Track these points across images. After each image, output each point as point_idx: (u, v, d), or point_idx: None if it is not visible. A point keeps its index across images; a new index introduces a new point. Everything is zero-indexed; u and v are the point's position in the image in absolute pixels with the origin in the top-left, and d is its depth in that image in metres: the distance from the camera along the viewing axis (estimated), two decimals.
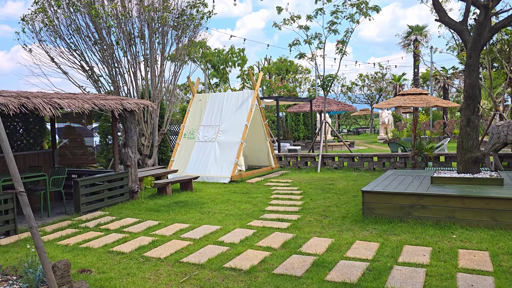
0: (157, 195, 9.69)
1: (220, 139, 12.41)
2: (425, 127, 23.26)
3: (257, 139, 13.86)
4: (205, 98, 13.51)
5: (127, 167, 9.09)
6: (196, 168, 12.26)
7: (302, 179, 11.83)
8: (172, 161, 12.84)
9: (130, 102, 8.63)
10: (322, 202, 8.47)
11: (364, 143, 27.11)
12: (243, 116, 12.41)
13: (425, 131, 23.59)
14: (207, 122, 13.01)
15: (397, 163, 12.85)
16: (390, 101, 14.60)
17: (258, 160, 14.47)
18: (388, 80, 38.20)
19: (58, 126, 10.97)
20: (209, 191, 10.29)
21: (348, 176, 12.13)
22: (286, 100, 17.78)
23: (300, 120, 28.37)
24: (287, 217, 7.23)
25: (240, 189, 10.39)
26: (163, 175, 11.16)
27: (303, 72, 39.58)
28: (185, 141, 13.07)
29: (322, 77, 14.45)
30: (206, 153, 12.40)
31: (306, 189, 10.13)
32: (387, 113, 27.18)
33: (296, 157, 14.31)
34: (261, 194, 9.68)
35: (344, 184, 10.62)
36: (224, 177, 11.61)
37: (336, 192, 9.57)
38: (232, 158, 11.85)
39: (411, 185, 7.10)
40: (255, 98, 12.60)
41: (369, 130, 38.74)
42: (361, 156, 13.26)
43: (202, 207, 8.33)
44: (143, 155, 13.03)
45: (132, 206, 8.58)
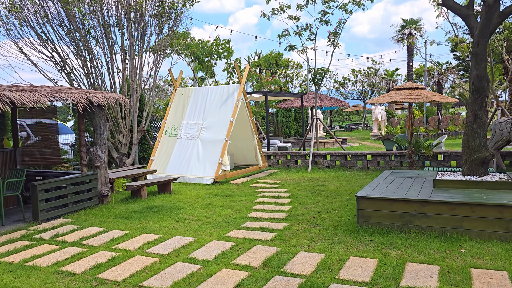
0: (131, 198, 8.80)
1: (203, 136, 11.53)
2: (420, 123, 22.53)
3: (244, 137, 12.99)
4: (188, 92, 12.60)
5: (96, 168, 8.18)
6: (177, 168, 11.37)
7: (292, 180, 11.00)
8: (151, 160, 11.93)
9: (98, 95, 7.72)
10: (312, 207, 7.64)
11: (357, 139, 26.36)
12: (228, 112, 11.53)
13: (420, 127, 22.87)
14: (189, 118, 12.11)
15: (393, 161, 12.07)
16: (385, 96, 13.78)
17: (245, 159, 13.62)
18: (381, 76, 37.48)
19: (30, 122, 10.04)
20: (189, 193, 9.42)
21: (340, 176, 11.32)
22: (276, 95, 16.93)
23: (291, 116, 27.55)
24: (272, 225, 6.39)
25: (223, 191, 9.53)
26: (140, 176, 10.27)
27: (295, 67, 38.75)
28: (166, 139, 12.17)
29: (313, 71, 13.61)
30: (188, 152, 11.52)
31: (295, 191, 9.30)
32: (380, 109, 26.44)
33: (285, 156, 13.48)
34: (245, 197, 8.83)
35: (336, 185, 9.81)
36: (207, 177, 10.74)
37: (328, 194, 8.75)
38: (216, 157, 10.98)
39: (412, 189, 6.29)
40: (241, 92, 11.72)
41: (362, 126, 38.03)
42: (354, 154, 12.46)
43: (178, 213, 7.46)
44: (120, 153, 12.11)
45: (100, 212, 7.68)
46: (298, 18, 13.76)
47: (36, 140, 9.51)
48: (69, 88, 7.96)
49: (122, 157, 12.10)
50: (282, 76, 36.23)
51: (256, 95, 16.06)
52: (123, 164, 12.08)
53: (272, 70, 28.80)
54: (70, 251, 5.45)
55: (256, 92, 16.23)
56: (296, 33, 13.87)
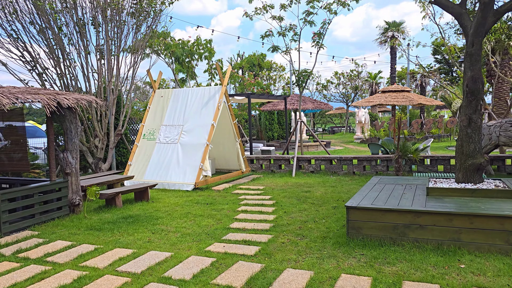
0: (105, 207, 8.24)
1: (183, 140, 11.02)
2: (403, 126, 22.38)
3: (226, 140, 12.52)
4: (168, 94, 12.07)
5: (67, 175, 7.60)
6: (156, 174, 10.82)
7: (275, 185, 10.57)
8: (129, 166, 11.35)
9: (68, 97, 7.15)
10: (297, 216, 7.22)
11: (341, 143, 26.15)
12: (209, 115, 11.04)
13: (403, 130, 22.73)
14: (169, 121, 11.58)
15: (379, 166, 11.76)
16: (370, 99, 13.52)
17: (227, 164, 13.14)
18: (364, 78, 37.43)
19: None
20: (168, 201, 8.90)
21: (325, 181, 10.95)
22: (258, 98, 16.51)
23: (275, 118, 27.17)
24: (256, 237, 5.93)
25: (204, 199, 9.04)
26: (116, 182, 9.69)
27: (278, 69, 38.47)
28: (145, 143, 11.61)
29: (297, 73, 13.23)
30: (167, 156, 10.98)
31: (279, 198, 8.87)
32: (364, 112, 26.28)
33: (269, 160, 13.05)
34: (227, 205, 8.36)
35: (322, 192, 9.42)
36: (187, 183, 10.23)
37: (314, 202, 8.34)
38: (196, 162, 10.48)
39: (404, 197, 5.92)
40: (223, 94, 11.25)
41: (345, 129, 37.93)
42: (339, 158, 12.11)
43: (155, 224, 6.94)
44: (96, 158, 11.50)
45: (71, 223, 7.10)
46: (282, 18, 13.36)
47: (5, 144, 8.87)
48: (36, 89, 7.37)
49: (98, 162, 11.49)
50: (265, 78, 35.89)
51: (239, 97, 15.61)
52: (99, 170, 11.47)
53: (255, 72, 28.36)
54: (32, 269, 4.89)
55: (239, 94, 15.78)
56: (279, 33, 13.47)
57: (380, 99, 12.89)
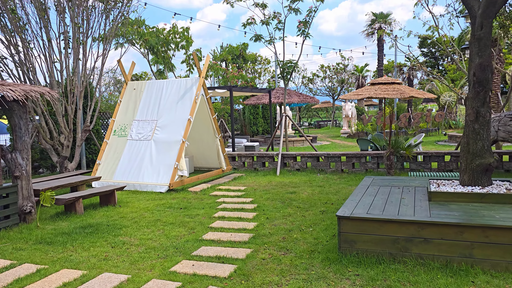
0: (63, 214, 7.27)
1: (157, 137, 10.06)
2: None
3: (205, 136, 11.60)
4: (141, 86, 11.07)
5: (16, 179, 6.61)
6: (126, 174, 9.85)
7: (258, 185, 9.71)
8: (97, 165, 10.36)
9: (14, 88, 6.15)
10: (281, 223, 6.37)
11: (327, 137, 25.40)
12: (185, 109, 10.10)
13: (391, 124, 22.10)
14: (142, 116, 10.60)
15: (369, 163, 10.99)
16: (359, 92, 12.72)
17: (206, 162, 12.22)
18: (350, 72, 36.72)
19: None
20: (138, 205, 7.97)
21: (312, 180, 10.13)
22: (241, 91, 15.60)
23: (259, 113, 26.28)
24: (232, 252, 5.06)
25: (178, 202, 8.13)
26: (81, 184, 8.71)
27: (263, 62, 37.51)
28: (115, 140, 10.62)
29: (281, 63, 12.34)
30: (140, 155, 10.02)
31: (261, 200, 8.01)
32: (351, 106, 25.56)
33: (252, 157, 12.17)
34: (203, 209, 7.46)
35: (309, 193, 8.59)
36: (160, 185, 9.30)
37: (300, 205, 7.50)
38: (171, 160, 9.54)
39: (403, 204, 5.11)
40: (201, 87, 10.31)
41: (331, 123, 37.24)
42: (327, 155, 11.30)
43: (117, 235, 6.02)
44: (61, 157, 10.47)
45: (19, 235, 6.14)
46: (265, 6, 12.44)
47: None
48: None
49: (63, 161, 10.46)
50: (250, 71, 34.92)
51: (220, 90, 14.67)
52: (65, 169, 10.45)
53: (238, 64, 27.39)
54: None
55: (220, 87, 14.84)
56: (263, 22, 12.57)
57: (370, 91, 12.10)
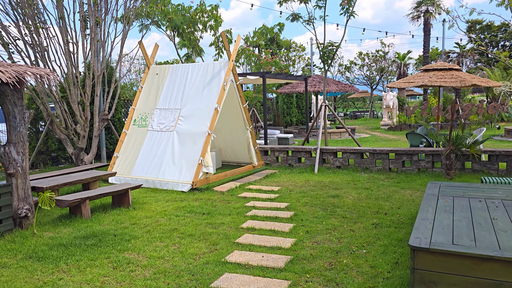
0: (67, 218, 6.24)
1: (180, 128, 8.93)
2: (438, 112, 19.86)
3: (234, 128, 10.40)
4: (164, 71, 9.95)
5: (10, 177, 5.61)
6: (146, 169, 8.79)
7: (294, 185, 8.45)
8: (115, 158, 9.35)
9: (4, 69, 5.09)
10: (325, 239, 5.09)
11: (365, 129, 23.73)
12: (212, 97, 8.90)
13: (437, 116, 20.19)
14: (164, 104, 9.49)
15: (422, 162, 9.49)
16: (410, 79, 11.12)
17: (235, 156, 11.03)
18: (390, 59, 34.53)
19: None
20: (155, 207, 6.87)
21: (356, 180, 8.76)
22: (275, 78, 14.29)
23: (293, 102, 24.85)
24: (264, 285, 3.83)
25: (201, 205, 6.97)
26: (93, 181, 7.70)
27: (297, 49, 35.91)
28: (135, 130, 9.57)
29: (322, 46, 10.93)
30: (161, 148, 8.93)
31: (299, 206, 6.75)
32: (392, 95, 23.70)
33: (286, 152, 10.88)
34: (229, 216, 6.27)
35: (355, 197, 7.25)
36: (183, 183, 8.17)
37: (345, 214, 6.18)
38: (195, 155, 8.40)
39: (499, 227, 3.72)
40: (230, 71, 9.08)
41: (369, 114, 35.30)
42: (373, 151, 9.87)
43: (123, 249, 4.91)
44: (77, 148, 9.53)
45: (9, 245, 5.13)
46: None
47: None
48: None
49: (79, 153, 9.52)
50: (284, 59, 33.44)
51: (252, 76, 13.40)
52: (81, 162, 9.51)
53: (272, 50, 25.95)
54: None
55: (252, 74, 13.58)
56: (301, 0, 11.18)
57: (423, 78, 10.50)
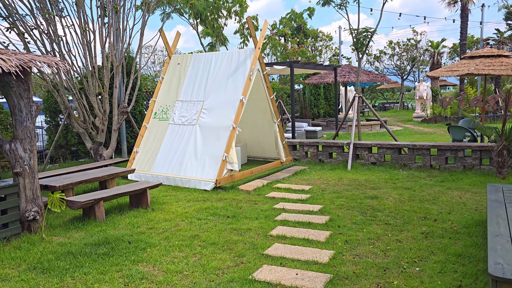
0: (80, 221, 5.72)
1: (203, 121, 8.32)
2: (476, 103, 18.65)
3: (261, 121, 9.73)
4: (186, 61, 9.35)
5: (17, 176, 5.11)
6: (167, 165, 8.24)
7: (326, 184, 7.73)
8: (135, 153, 8.83)
9: (7, 57, 4.56)
10: (368, 252, 4.38)
11: (397, 121, 22.66)
12: (237, 87, 8.24)
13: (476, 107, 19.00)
14: (186, 96, 8.89)
15: (468, 158, 8.60)
16: (453, 67, 10.17)
17: (262, 151, 10.36)
18: (423, 48, 32.99)
19: None
20: (175, 208, 6.29)
21: (395, 178, 7.97)
22: (303, 67, 13.52)
23: (321, 93, 23.95)
24: None
25: (225, 206, 6.36)
26: (111, 178, 7.18)
27: (324, 39, 34.83)
28: (155, 124, 9.02)
29: (355, 32, 10.09)
30: (182, 143, 8.35)
31: (334, 209, 6.04)
32: (426, 86, 22.52)
33: (316, 146, 10.15)
34: (257, 220, 5.63)
35: (396, 199, 6.48)
36: (206, 181, 7.58)
37: (388, 219, 5.44)
38: (219, 151, 7.78)
39: None
40: (256, 60, 8.39)
41: (399, 105, 33.96)
42: (412, 147, 9.02)
43: (137, 260, 4.33)
44: (96, 142, 9.07)
45: (15, 253, 4.63)
46: None
47: None
48: None
49: (98, 147, 9.06)
50: (310, 49, 32.45)
51: (279, 66, 12.68)
52: (100, 157, 9.05)
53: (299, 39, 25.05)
54: None
55: (279, 63, 12.85)
56: None
57: (468, 66, 9.56)
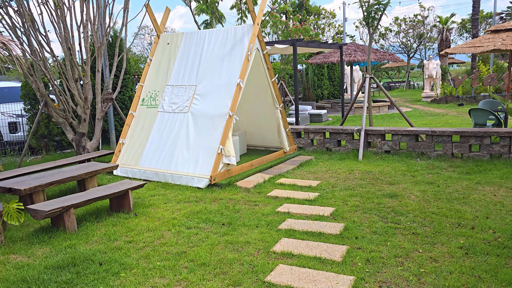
0: (48, 231, 4.82)
1: (196, 108, 7.35)
2: (490, 81, 17.57)
3: (261, 107, 8.75)
4: (176, 40, 8.32)
5: None
6: (156, 159, 7.30)
7: (336, 178, 6.80)
8: (121, 145, 7.89)
9: None
10: (397, 277, 3.47)
11: (405, 102, 21.59)
12: (234, 69, 7.24)
13: (490, 86, 17.92)
14: (177, 80, 7.90)
15: (495, 146, 7.63)
16: (475, 43, 9.10)
17: (262, 139, 9.40)
18: (430, 25, 31.58)
19: None
20: (161, 213, 5.38)
21: (413, 170, 7.02)
22: (307, 46, 12.44)
23: (324, 73, 22.83)
24: None
25: (221, 210, 5.44)
26: (90, 176, 6.25)
27: (327, 16, 33.47)
28: (143, 111, 8.06)
29: (366, 5, 9.00)
30: (173, 133, 7.40)
31: (347, 212, 5.12)
32: (436, 64, 21.38)
33: (323, 133, 9.19)
34: (257, 229, 4.71)
35: (419, 197, 5.55)
36: (199, 177, 6.65)
37: (414, 225, 4.52)
38: (214, 142, 6.83)
39: None
40: (255, 38, 7.36)
41: (405, 85, 32.76)
42: (431, 133, 8.05)
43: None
44: (78, 133, 8.13)
45: None
46: None
47: None
48: None
49: (80, 139, 8.12)
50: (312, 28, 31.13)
51: (281, 45, 11.61)
52: (83, 150, 8.12)
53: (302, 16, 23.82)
54: None
55: (281, 42, 11.78)
56: None
57: (495, 41, 8.50)
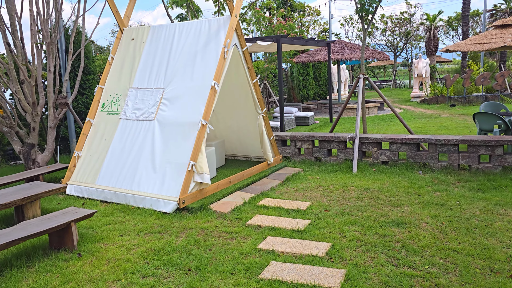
0: None
1: (163, 115, 6.22)
2: (483, 80, 16.81)
3: (241, 111, 7.65)
4: (142, 35, 7.16)
5: None
6: (116, 176, 6.14)
7: (329, 197, 5.76)
8: (76, 158, 6.70)
9: None
10: None
11: (393, 102, 20.75)
12: (207, 69, 6.12)
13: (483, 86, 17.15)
14: (142, 82, 6.74)
15: (508, 156, 6.69)
16: (481, 39, 8.15)
17: (243, 148, 8.30)
18: (417, 22, 30.85)
19: None
20: (113, 252, 4.25)
21: (417, 186, 6.02)
22: (292, 43, 11.40)
23: (310, 72, 21.82)
24: None
25: (188, 246, 4.33)
26: (31, 201, 5.06)
27: (312, 13, 32.51)
28: (103, 119, 6.88)
29: None
30: (136, 145, 6.25)
31: (346, 248, 4.07)
32: (425, 63, 20.58)
33: (311, 141, 8.13)
34: (232, 278, 3.62)
35: (431, 225, 4.53)
36: (165, 199, 5.52)
37: (433, 272, 3.49)
38: (184, 156, 5.71)
39: None
40: (233, 32, 6.26)
41: (392, 84, 31.99)
42: (435, 142, 7.07)
43: None
44: (26, 144, 6.91)
45: None
46: None
47: None
48: None
49: (29, 151, 6.90)
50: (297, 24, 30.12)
51: (264, 42, 10.54)
52: (33, 163, 6.91)
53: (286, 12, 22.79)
54: None
55: (264, 38, 10.70)
56: None
57: (504, 37, 7.55)
